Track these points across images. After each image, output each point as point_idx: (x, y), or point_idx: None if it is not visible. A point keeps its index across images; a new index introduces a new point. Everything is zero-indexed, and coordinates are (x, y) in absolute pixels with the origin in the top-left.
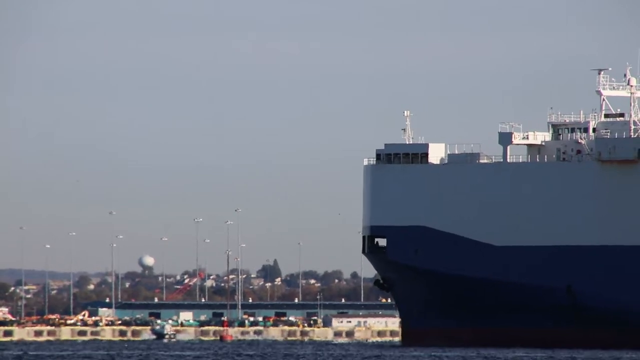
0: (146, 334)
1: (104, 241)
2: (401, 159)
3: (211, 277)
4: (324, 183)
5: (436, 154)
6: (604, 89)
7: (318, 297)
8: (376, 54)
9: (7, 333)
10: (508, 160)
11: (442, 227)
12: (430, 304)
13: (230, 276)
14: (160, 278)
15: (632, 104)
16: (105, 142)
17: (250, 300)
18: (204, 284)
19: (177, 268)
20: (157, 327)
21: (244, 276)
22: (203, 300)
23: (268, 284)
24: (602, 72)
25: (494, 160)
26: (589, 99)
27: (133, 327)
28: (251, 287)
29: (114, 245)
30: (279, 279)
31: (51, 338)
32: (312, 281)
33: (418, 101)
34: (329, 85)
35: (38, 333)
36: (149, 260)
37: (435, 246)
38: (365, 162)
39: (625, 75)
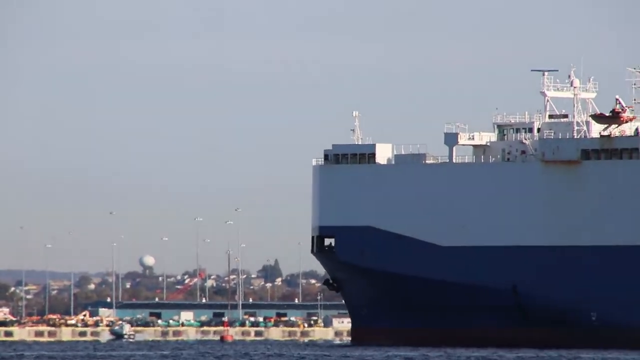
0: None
1: (105, 241)
2: (349, 160)
3: (212, 277)
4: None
5: (383, 154)
6: (548, 90)
7: (318, 297)
8: (324, 55)
9: (8, 333)
10: (454, 160)
11: (389, 227)
12: (378, 304)
13: (231, 276)
14: (160, 278)
15: (576, 105)
16: (105, 141)
17: (251, 301)
18: (205, 284)
19: (178, 268)
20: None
21: (244, 276)
22: (204, 300)
23: (268, 284)
24: (546, 74)
25: (440, 161)
26: (534, 99)
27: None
28: (252, 287)
29: (115, 245)
30: (279, 279)
31: (52, 339)
32: (313, 281)
33: (366, 102)
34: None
35: (38, 333)
36: (150, 260)
37: (383, 246)
38: (314, 163)
39: (569, 77)
